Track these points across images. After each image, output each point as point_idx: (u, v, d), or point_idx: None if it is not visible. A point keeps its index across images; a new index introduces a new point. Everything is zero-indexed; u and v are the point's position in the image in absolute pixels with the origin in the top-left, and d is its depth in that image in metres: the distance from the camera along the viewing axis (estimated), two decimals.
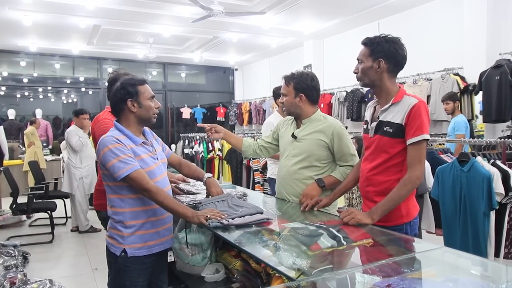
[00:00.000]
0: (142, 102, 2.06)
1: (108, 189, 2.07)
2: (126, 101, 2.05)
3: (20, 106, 13.35)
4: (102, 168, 2.03)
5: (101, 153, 1.98)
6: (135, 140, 2.07)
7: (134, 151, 2.02)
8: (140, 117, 2.08)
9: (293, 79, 2.57)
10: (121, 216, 2.03)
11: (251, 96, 11.76)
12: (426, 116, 2.00)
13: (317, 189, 2.48)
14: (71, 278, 4.14)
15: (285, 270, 1.45)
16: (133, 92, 2.05)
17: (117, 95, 2.06)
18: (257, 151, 2.83)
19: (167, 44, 9.79)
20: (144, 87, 2.09)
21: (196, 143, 7.78)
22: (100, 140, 2.03)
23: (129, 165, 1.94)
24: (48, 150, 9.79)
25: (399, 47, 2.05)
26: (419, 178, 1.99)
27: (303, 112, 2.59)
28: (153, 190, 1.95)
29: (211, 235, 2.48)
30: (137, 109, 2.06)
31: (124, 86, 2.05)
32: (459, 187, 3.20)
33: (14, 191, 5.31)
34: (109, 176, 2.02)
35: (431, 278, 1.52)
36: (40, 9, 6.85)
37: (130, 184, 1.96)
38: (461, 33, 5.86)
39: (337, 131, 2.50)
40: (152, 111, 2.11)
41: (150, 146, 2.16)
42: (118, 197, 2.04)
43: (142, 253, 2.05)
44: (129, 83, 2.07)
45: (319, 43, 9.13)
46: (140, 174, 1.95)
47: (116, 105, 2.08)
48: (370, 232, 1.90)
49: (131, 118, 2.08)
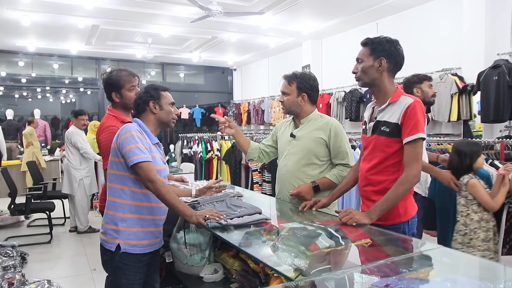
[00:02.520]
0: (163, 105, 2.21)
1: (113, 177, 2.10)
2: (149, 102, 2.18)
3: (19, 106, 13.35)
4: (116, 154, 2.08)
5: (122, 137, 2.04)
6: (152, 138, 2.18)
7: (150, 148, 2.12)
8: (160, 119, 2.21)
9: (296, 79, 2.62)
10: (119, 207, 2.06)
11: (249, 96, 11.75)
12: (422, 115, 2.03)
13: (310, 191, 2.52)
14: (70, 279, 4.13)
15: (284, 270, 1.45)
16: (155, 95, 2.19)
17: (141, 98, 2.20)
18: (260, 156, 2.87)
19: (165, 44, 9.78)
20: (166, 93, 2.25)
21: (195, 143, 7.78)
22: (123, 127, 2.10)
23: (145, 154, 2.02)
24: (47, 150, 9.77)
25: (399, 48, 2.10)
26: (416, 176, 2.01)
27: (303, 111, 2.64)
28: (158, 183, 2.00)
29: (209, 235, 2.48)
30: (158, 111, 2.19)
31: (148, 90, 2.21)
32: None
33: (13, 191, 5.31)
34: (119, 164, 2.08)
35: (430, 278, 1.52)
36: (39, 9, 6.83)
37: (138, 172, 2.01)
38: (460, 34, 5.86)
39: (334, 128, 2.55)
40: (172, 116, 2.25)
41: (161, 149, 2.29)
42: (121, 187, 2.08)
43: (135, 251, 2.07)
44: (153, 88, 2.22)
45: (317, 43, 9.13)
46: (151, 165, 2.03)
47: (139, 106, 2.20)
48: (368, 232, 1.91)
49: (151, 119, 2.20)
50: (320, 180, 2.54)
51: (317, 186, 2.52)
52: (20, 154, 8.94)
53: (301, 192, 2.49)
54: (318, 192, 2.53)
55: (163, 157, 2.29)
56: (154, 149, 2.17)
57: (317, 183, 2.53)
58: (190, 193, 2.45)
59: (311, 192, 2.52)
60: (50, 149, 10.07)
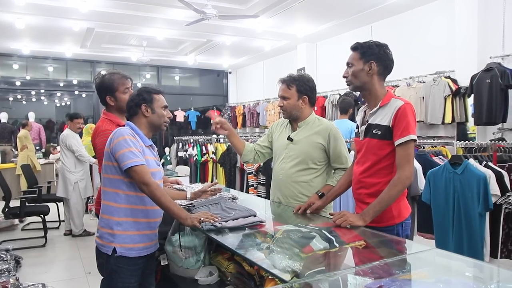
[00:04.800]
0: (156, 109, 2.18)
1: (107, 181, 2.10)
2: (141, 105, 2.16)
3: (13, 109, 13.28)
4: (109, 158, 2.07)
5: (115, 141, 2.03)
6: (145, 140, 2.17)
7: (144, 150, 2.10)
8: (151, 122, 2.19)
9: (295, 82, 2.58)
10: (114, 211, 2.06)
11: (245, 99, 11.77)
12: (413, 117, 2.05)
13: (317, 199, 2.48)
14: (64, 282, 4.12)
15: (278, 273, 1.46)
16: (148, 98, 2.17)
17: (133, 100, 2.18)
18: (255, 157, 2.83)
19: (160, 47, 9.78)
20: (159, 96, 2.21)
21: (190, 146, 7.76)
22: (116, 131, 2.09)
23: (138, 158, 2.01)
24: (41, 153, 9.73)
25: (388, 51, 2.13)
26: (408, 178, 2.02)
27: (303, 114, 2.62)
28: (153, 186, 2.00)
29: (204, 238, 2.48)
30: (150, 115, 2.17)
31: (140, 93, 2.19)
32: (452, 189, 3.22)
33: (7, 194, 5.28)
34: (112, 168, 2.07)
35: (422, 279, 1.53)
36: (33, 12, 6.82)
37: (132, 176, 2.01)
38: (453, 37, 5.91)
39: (333, 133, 2.55)
40: (164, 119, 2.22)
41: (155, 151, 2.27)
42: (115, 191, 2.07)
43: (131, 254, 2.07)
44: (146, 91, 2.20)
45: (312, 46, 9.16)
46: (145, 169, 2.02)
47: (131, 109, 2.19)
48: (362, 234, 1.92)
49: (143, 122, 2.18)
50: (324, 188, 2.53)
51: (323, 194, 2.49)
52: (15, 157, 8.89)
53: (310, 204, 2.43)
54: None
55: (157, 159, 2.28)
56: (148, 151, 2.16)
57: (322, 192, 2.51)
58: (185, 196, 2.45)
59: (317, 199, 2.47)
60: (44, 152, 10.03)
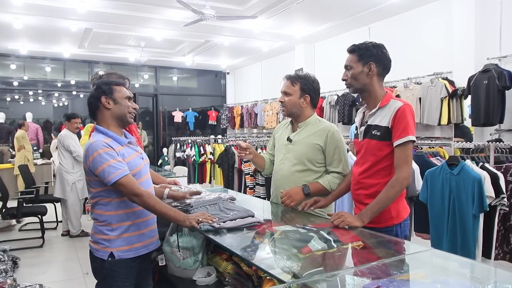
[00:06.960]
0: (118, 99, 2.07)
1: (95, 194, 2.04)
2: (101, 98, 2.05)
3: (10, 109, 13.22)
4: (90, 174, 2.00)
5: (90, 158, 1.94)
6: (120, 141, 2.07)
7: (122, 153, 2.02)
8: (115, 114, 2.07)
9: (299, 79, 2.56)
10: (107, 219, 2.02)
11: (242, 99, 11.77)
12: (412, 118, 2.05)
13: (300, 194, 2.46)
14: (62, 283, 4.11)
15: (276, 273, 1.46)
16: (107, 90, 2.06)
17: (93, 95, 2.08)
18: (271, 167, 2.79)
19: (158, 47, 9.78)
20: (120, 87, 2.10)
21: (188, 146, 7.76)
22: (88, 146, 1.99)
23: (120, 169, 1.92)
24: (39, 153, 9.70)
25: (385, 51, 2.14)
26: (406, 179, 2.02)
27: (303, 114, 2.59)
28: (144, 195, 1.95)
29: (202, 239, 2.48)
30: (112, 106, 2.06)
31: (99, 86, 2.08)
32: (448, 189, 3.23)
33: (4, 195, 5.27)
34: (96, 182, 2.00)
35: (420, 279, 1.54)
36: (31, 12, 6.81)
37: (120, 190, 1.94)
38: (450, 38, 5.93)
39: (331, 134, 2.51)
40: (128, 109, 2.10)
41: (135, 145, 2.17)
42: (105, 200, 2.03)
43: (129, 255, 2.04)
44: (104, 83, 2.11)
45: (310, 47, 9.17)
46: (131, 179, 1.94)
47: (92, 105, 2.08)
48: (360, 235, 1.92)
49: (107, 116, 2.07)
50: (312, 184, 2.49)
51: (307, 187, 2.46)
52: (12, 158, 8.87)
53: (289, 192, 2.45)
54: (309, 196, 2.47)
55: (140, 153, 2.17)
56: (127, 150, 2.07)
57: (307, 185, 2.48)
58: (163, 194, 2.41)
59: (300, 193, 2.45)
60: (42, 152, 10.00)
